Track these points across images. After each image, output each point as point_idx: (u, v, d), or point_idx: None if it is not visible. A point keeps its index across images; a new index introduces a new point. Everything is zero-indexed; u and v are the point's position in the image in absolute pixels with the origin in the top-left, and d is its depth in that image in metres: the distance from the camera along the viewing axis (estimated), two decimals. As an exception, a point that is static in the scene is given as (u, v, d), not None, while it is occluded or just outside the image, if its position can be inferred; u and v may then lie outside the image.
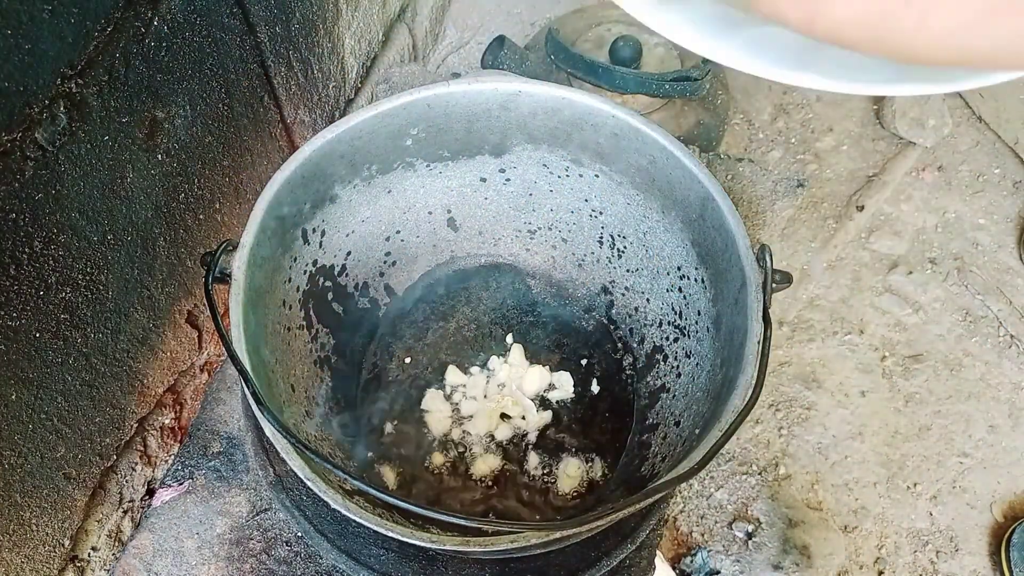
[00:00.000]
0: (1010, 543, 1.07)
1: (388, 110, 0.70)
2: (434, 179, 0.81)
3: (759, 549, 1.09)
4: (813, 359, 1.28)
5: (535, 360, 0.85)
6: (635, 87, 1.27)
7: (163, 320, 0.77)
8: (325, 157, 0.69)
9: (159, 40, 0.65)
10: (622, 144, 0.72)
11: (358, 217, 0.78)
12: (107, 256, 0.65)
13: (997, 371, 1.26)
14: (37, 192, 0.55)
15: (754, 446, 1.19)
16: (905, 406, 1.24)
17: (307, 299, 0.73)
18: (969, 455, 1.19)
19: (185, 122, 0.72)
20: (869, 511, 1.14)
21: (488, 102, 0.73)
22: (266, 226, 0.63)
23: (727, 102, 1.42)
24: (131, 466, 0.80)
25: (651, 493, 0.49)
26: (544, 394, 0.82)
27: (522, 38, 1.54)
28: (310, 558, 0.74)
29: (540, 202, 0.85)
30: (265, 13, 0.82)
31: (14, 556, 0.64)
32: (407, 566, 0.68)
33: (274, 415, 0.51)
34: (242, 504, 0.78)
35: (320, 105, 1.04)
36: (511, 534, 0.49)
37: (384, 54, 1.28)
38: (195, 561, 0.75)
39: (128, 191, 0.66)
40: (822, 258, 1.39)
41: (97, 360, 0.68)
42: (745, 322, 0.59)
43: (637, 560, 0.72)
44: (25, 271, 0.56)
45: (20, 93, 0.51)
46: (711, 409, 0.61)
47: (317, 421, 0.71)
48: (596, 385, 0.83)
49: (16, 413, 0.59)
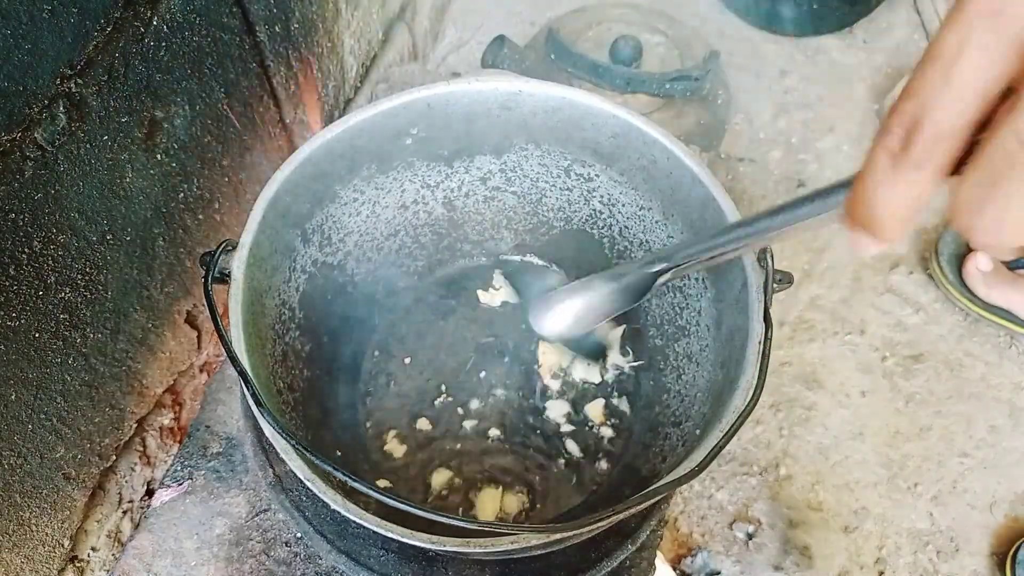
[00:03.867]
0: (1015, 560, 1.06)
1: (388, 109, 0.70)
2: (434, 179, 0.81)
3: (760, 550, 1.09)
4: (814, 359, 1.28)
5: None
6: (635, 87, 1.27)
7: (162, 320, 0.77)
8: (325, 157, 0.69)
9: (159, 40, 0.65)
10: (623, 144, 0.72)
11: (358, 217, 0.78)
12: (106, 256, 0.65)
13: (998, 371, 1.26)
14: (37, 192, 0.55)
15: (755, 447, 1.18)
16: (906, 406, 1.23)
17: (307, 299, 0.73)
18: (970, 455, 1.19)
19: (184, 122, 0.72)
20: (870, 511, 1.14)
21: (488, 102, 0.73)
22: (265, 226, 0.63)
23: (727, 102, 1.42)
24: (130, 466, 0.80)
25: (651, 494, 0.49)
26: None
27: (522, 38, 1.53)
28: (310, 559, 0.74)
29: (540, 202, 0.85)
30: (265, 13, 0.82)
31: (14, 556, 0.64)
32: (407, 567, 0.67)
33: (274, 416, 0.51)
34: (241, 505, 0.77)
35: (320, 105, 1.03)
36: (511, 535, 0.49)
37: (384, 54, 1.28)
38: (195, 561, 0.75)
39: (127, 191, 0.66)
40: (823, 258, 1.39)
41: (96, 360, 0.68)
42: (746, 322, 0.59)
43: (637, 561, 0.72)
44: (24, 271, 0.56)
45: (20, 93, 0.51)
46: (712, 410, 0.61)
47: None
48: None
49: (16, 413, 0.59)
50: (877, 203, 0.27)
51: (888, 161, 0.26)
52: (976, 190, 0.24)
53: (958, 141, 0.25)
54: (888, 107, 1.58)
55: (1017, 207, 0.24)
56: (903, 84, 0.27)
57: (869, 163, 0.27)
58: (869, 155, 0.27)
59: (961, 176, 0.25)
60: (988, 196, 0.24)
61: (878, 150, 0.27)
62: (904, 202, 0.27)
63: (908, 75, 0.27)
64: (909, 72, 0.41)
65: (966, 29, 0.23)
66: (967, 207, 0.25)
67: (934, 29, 1.71)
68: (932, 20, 1.69)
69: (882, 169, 0.26)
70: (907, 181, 0.26)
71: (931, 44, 0.25)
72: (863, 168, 0.27)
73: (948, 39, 0.24)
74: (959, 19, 0.24)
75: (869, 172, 0.27)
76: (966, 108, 0.24)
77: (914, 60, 0.63)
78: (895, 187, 0.26)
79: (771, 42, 1.71)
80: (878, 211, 0.27)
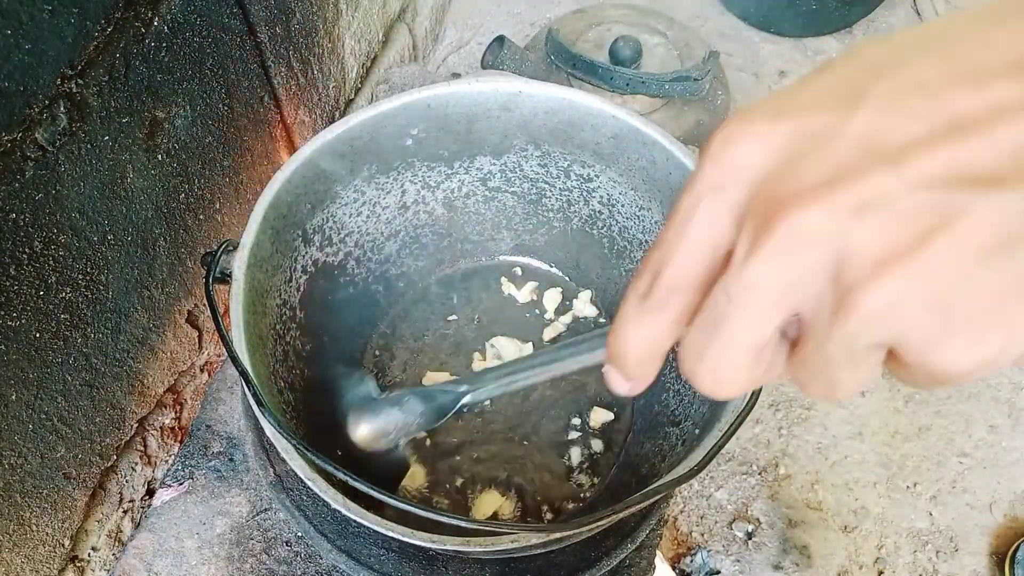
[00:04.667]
0: (1015, 560, 1.07)
1: (388, 110, 0.70)
2: (434, 179, 0.81)
3: (759, 549, 1.09)
4: (813, 359, 1.28)
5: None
6: (635, 87, 1.27)
7: (163, 320, 0.77)
8: (325, 157, 0.69)
9: (159, 40, 0.65)
10: (622, 145, 0.72)
11: (358, 217, 0.78)
12: (107, 256, 0.65)
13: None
14: (37, 192, 0.55)
15: (754, 446, 1.19)
16: (905, 406, 1.24)
17: (308, 299, 0.73)
18: (969, 455, 1.19)
19: (185, 122, 0.72)
20: (869, 511, 1.14)
21: (488, 102, 0.73)
22: (266, 226, 0.63)
23: (727, 102, 1.42)
24: (131, 466, 0.80)
25: (651, 494, 0.49)
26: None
27: (522, 38, 1.54)
28: (310, 558, 0.74)
29: (540, 202, 0.85)
30: (265, 13, 0.82)
31: (14, 556, 0.64)
32: (407, 566, 0.68)
33: (275, 415, 0.51)
34: (242, 504, 0.78)
35: (320, 105, 1.04)
36: (512, 534, 0.49)
37: (384, 54, 1.28)
38: (195, 561, 0.75)
39: (128, 191, 0.66)
40: (822, 258, 1.39)
41: (97, 360, 0.68)
42: (745, 322, 0.59)
43: (637, 560, 0.72)
44: (25, 271, 0.56)
45: (20, 93, 0.51)
46: (711, 409, 0.61)
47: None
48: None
49: (16, 413, 0.59)
50: (623, 340, 0.29)
51: (636, 303, 0.29)
52: (697, 337, 0.27)
53: (691, 294, 0.27)
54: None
55: (727, 358, 0.26)
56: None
57: (623, 302, 0.29)
58: (624, 296, 0.30)
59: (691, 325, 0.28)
60: (706, 345, 0.26)
61: (629, 291, 0.29)
62: (644, 343, 0.29)
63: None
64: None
65: (696, 196, 0.26)
66: (689, 353, 0.27)
67: (933, 29, 1.71)
68: (932, 20, 1.70)
69: (630, 308, 0.29)
70: (646, 324, 0.28)
71: (674, 203, 0.27)
72: (619, 307, 0.30)
73: (684, 201, 0.27)
74: (692, 186, 0.26)
75: (621, 310, 0.29)
76: (695, 264, 0.27)
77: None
78: (637, 328, 0.29)
79: (770, 42, 1.71)
80: (622, 348, 0.30)
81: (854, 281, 0.22)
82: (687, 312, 0.28)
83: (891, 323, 0.22)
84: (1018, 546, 1.08)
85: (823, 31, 1.71)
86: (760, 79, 1.64)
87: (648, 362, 0.30)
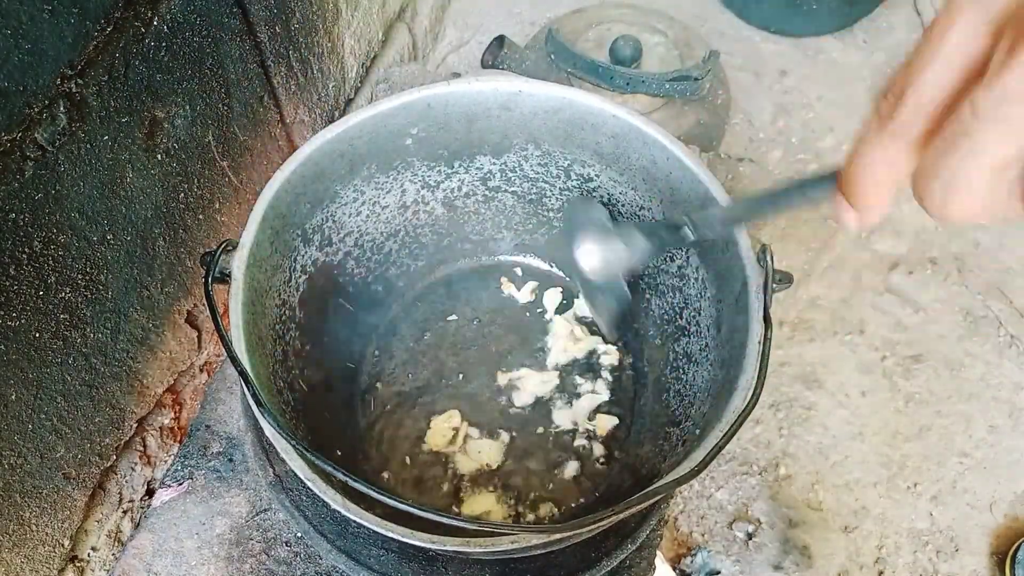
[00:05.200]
0: (1015, 560, 1.06)
1: (388, 110, 0.70)
2: (434, 179, 0.81)
3: (759, 549, 1.09)
4: (813, 359, 1.28)
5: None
6: (635, 86, 1.27)
7: (163, 320, 0.77)
8: (325, 157, 0.69)
9: (159, 40, 0.65)
10: (623, 144, 0.72)
11: (358, 217, 0.78)
12: (107, 256, 0.65)
13: (997, 371, 1.26)
14: (37, 192, 0.55)
15: (755, 446, 1.19)
16: (905, 406, 1.23)
17: (307, 299, 0.73)
18: (969, 455, 1.19)
19: (185, 122, 0.72)
20: (869, 511, 1.14)
21: (488, 102, 0.73)
22: (266, 226, 0.63)
23: (727, 102, 1.42)
24: (131, 466, 0.80)
25: (651, 494, 0.49)
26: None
27: (522, 38, 1.54)
28: (310, 558, 0.74)
29: (540, 202, 0.85)
30: (265, 13, 0.82)
31: (14, 556, 0.64)
32: (407, 566, 0.67)
33: (274, 415, 0.51)
34: (242, 504, 0.77)
35: (320, 105, 1.04)
36: (512, 535, 0.49)
37: (384, 54, 1.28)
38: (195, 561, 0.75)
39: (128, 191, 0.66)
40: (823, 258, 1.39)
41: (97, 360, 0.68)
42: (746, 322, 0.59)
43: (637, 560, 0.72)
44: (25, 271, 0.56)
45: (20, 93, 0.51)
46: (711, 409, 0.61)
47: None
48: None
49: (16, 413, 0.59)
50: (862, 164, 0.29)
51: (877, 125, 0.28)
52: (933, 156, 0.26)
53: (935, 111, 0.27)
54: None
55: (963, 175, 0.25)
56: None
57: (864, 126, 0.29)
58: (866, 121, 0.30)
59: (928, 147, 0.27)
60: (941, 163, 0.26)
61: (872, 115, 0.29)
62: (882, 166, 0.29)
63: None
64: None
65: (955, 10, 0.26)
66: (923, 173, 0.27)
67: (934, 29, 1.71)
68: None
69: (872, 131, 0.29)
70: (886, 146, 0.28)
71: (928, 26, 0.27)
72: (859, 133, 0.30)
73: (940, 19, 0.26)
74: (951, 2, 0.26)
75: (861, 134, 0.29)
76: (946, 79, 0.26)
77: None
78: (876, 149, 0.29)
79: (771, 42, 1.71)
80: (859, 172, 0.29)
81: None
82: (925, 136, 0.27)
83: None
84: (1018, 546, 1.08)
85: (823, 30, 1.70)
86: (760, 78, 1.64)
87: (883, 188, 0.29)
